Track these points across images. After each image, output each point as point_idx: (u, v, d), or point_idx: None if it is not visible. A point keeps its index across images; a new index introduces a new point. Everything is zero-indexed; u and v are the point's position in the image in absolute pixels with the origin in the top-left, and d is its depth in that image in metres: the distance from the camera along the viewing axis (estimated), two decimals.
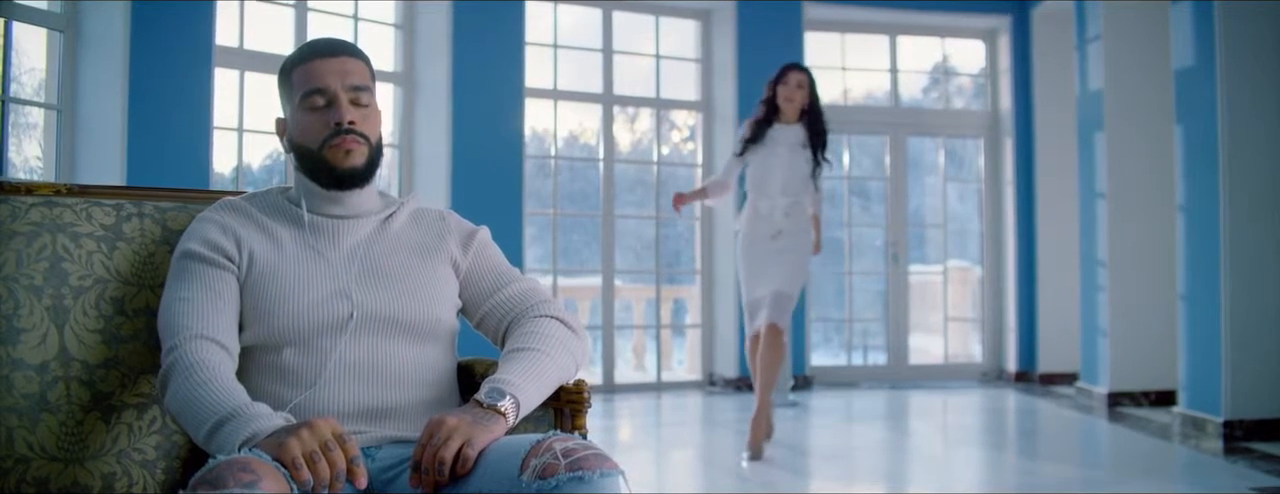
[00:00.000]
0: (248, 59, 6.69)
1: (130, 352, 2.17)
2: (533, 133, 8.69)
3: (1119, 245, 7.34)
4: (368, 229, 2.22)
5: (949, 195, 9.69)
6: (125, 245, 2.22)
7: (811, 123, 6.05)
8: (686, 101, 8.93)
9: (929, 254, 10.08)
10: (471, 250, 2.30)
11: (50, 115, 5.75)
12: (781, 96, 6.01)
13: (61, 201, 2.19)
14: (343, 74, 2.15)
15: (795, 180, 5.98)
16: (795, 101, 6.00)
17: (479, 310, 2.28)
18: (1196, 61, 6.17)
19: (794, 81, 6.01)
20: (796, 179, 5.98)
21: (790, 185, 5.98)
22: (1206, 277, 6.09)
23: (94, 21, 5.79)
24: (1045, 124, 8.86)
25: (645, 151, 9.52)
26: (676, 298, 9.58)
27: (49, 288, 2.10)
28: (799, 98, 6.00)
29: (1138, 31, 7.35)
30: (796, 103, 6.01)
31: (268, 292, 2.08)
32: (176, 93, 6.00)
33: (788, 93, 6.00)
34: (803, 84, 6.02)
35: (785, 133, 6.02)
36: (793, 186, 5.98)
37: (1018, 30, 9.01)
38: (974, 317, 9.54)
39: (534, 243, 8.80)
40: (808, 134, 6.03)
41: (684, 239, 9.54)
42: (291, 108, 2.19)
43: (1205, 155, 6.09)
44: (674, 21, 8.88)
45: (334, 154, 2.14)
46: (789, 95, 6.00)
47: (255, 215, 2.19)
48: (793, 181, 5.97)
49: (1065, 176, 8.51)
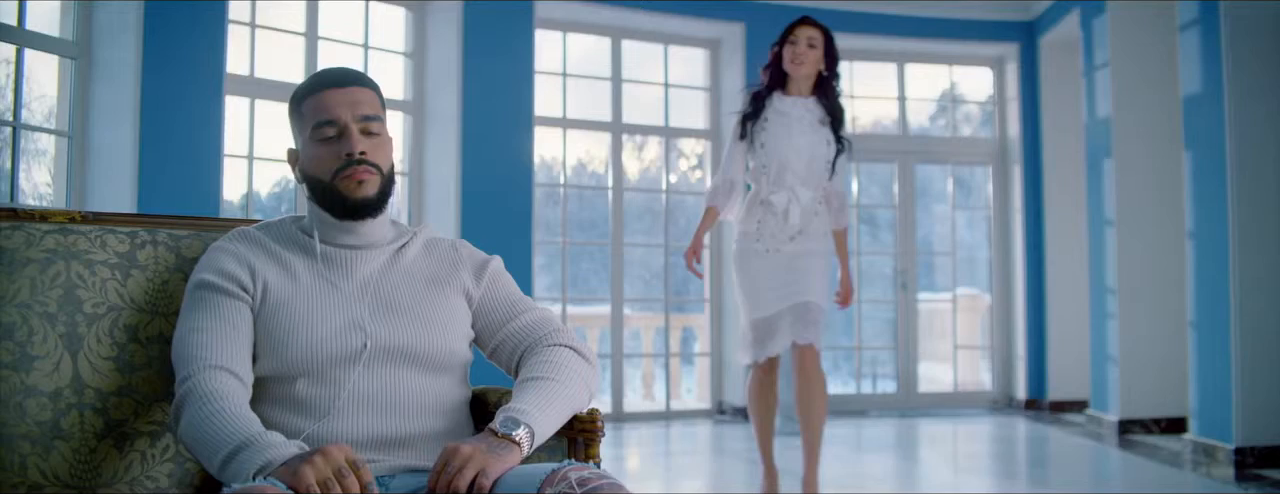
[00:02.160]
0: (258, 87, 6.71)
1: (143, 379, 2.18)
2: (542, 161, 8.70)
3: (1128, 272, 7.33)
4: (380, 260, 2.23)
5: (957, 223, 9.68)
6: (139, 273, 2.22)
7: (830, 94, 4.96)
8: (695, 130, 8.94)
9: (938, 282, 10.06)
10: (484, 280, 2.31)
11: (61, 142, 5.77)
12: (788, 60, 4.89)
13: (76, 229, 2.20)
14: (353, 104, 2.16)
15: (818, 167, 4.87)
16: (806, 66, 4.87)
17: (492, 340, 2.29)
18: (1204, 88, 6.18)
19: (804, 39, 4.87)
20: (819, 166, 4.88)
21: (814, 173, 4.87)
22: (1216, 303, 6.08)
23: (106, 49, 5.82)
24: (1053, 151, 8.86)
25: (654, 180, 9.53)
26: (685, 326, 9.57)
27: (63, 315, 2.11)
28: (811, 60, 4.87)
29: (1145, 58, 7.36)
30: (808, 67, 4.88)
31: (281, 323, 2.09)
32: (187, 120, 6.02)
33: (796, 54, 4.87)
34: (815, 42, 4.87)
35: (797, 106, 4.91)
36: (815, 176, 4.87)
37: (1025, 58, 9.02)
38: (983, 344, 9.52)
39: (543, 271, 8.80)
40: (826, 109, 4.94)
41: None
42: (303, 139, 2.20)
43: (1214, 181, 6.08)
44: (683, 50, 8.91)
45: (346, 185, 2.15)
46: (798, 57, 4.86)
47: (269, 245, 2.19)
48: (815, 169, 4.87)
49: (1074, 204, 8.51)
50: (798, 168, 4.86)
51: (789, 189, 4.85)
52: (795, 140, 4.86)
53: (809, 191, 4.86)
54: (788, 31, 4.93)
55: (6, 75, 5.53)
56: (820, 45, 4.88)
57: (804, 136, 4.86)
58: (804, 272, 4.84)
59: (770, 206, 4.87)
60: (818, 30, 4.90)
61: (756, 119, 4.94)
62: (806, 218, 4.87)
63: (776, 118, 4.90)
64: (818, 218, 4.91)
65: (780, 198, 4.85)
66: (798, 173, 4.86)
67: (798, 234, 4.86)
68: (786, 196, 4.84)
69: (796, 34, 4.90)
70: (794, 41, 4.88)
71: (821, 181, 4.89)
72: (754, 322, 4.91)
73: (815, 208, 4.89)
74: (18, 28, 5.47)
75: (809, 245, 4.87)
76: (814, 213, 4.89)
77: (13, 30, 5.45)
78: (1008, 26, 9.00)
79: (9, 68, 5.51)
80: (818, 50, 4.87)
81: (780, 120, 4.88)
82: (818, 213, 4.91)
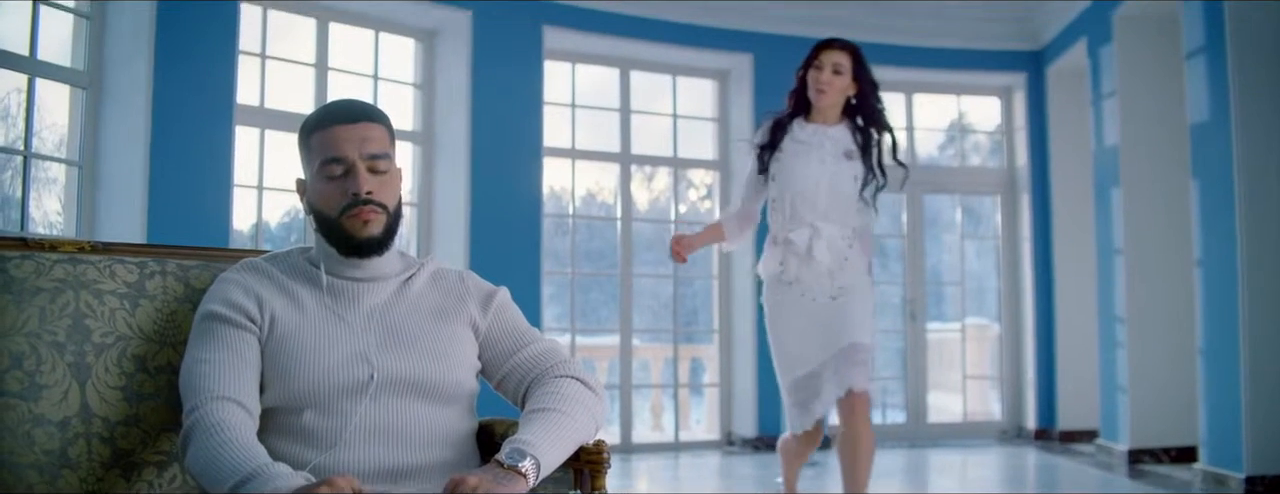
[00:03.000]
0: (268, 117, 6.74)
1: (151, 409, 2.18)
2: (551, 191, 8.72)
3: (1137, 301, 7.31)
4: (387, 292, 2.24)
5: (966, 252, 9.67)
6: (148, 303, 2.23)
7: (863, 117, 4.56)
8: (703, 161, 8.96)
9: (947, 312, 10.05)
10: (491, 311, 2.31)
11: (71, 171, 5.80)
12: (811, 87, 4.51)
13: (85, 259, 2.21)
14: (361, 142, 2.16)
15: (843, 201, 4.48)
16: (830, 94, 4.49)
17: (499, 371, 2.29)
18: (1211, 116, 6.18)
19: (828, 65, 4.48)
20: (845, 200, 4.48)
21: (837, 208, 4.48)
22: (1225, 331, 6.06)
23: (117, 79, 5.85)
24: (1061, 180, 8.86)
25: (664, 210, 9.53)
26: (694, 357, 9.56)
27: (71, 344, 2.12)
28: (836, 88, 4.48)
29: (1152, 87, 7.37)
30: (832, 96, 4.50)
31: (288, 354, 2.09)
32: (197, 150, 6.05)
33: (819, 82, 4.49)
34: (841, 67, 4.48)
35: (818, 134, 4.53)
36: (840, 210, 4.48)
37: (1033, 87, 9.03)
38: (992, 374, 9.49)
39: (552, 302, 8.80)
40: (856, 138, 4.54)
41: (701, 298, 9.52)
42: (311, 172, 2.20)
43: (1222, 209, 6.08)
44: (691, 81, 8.93)
45: (351, 223, 2.16)
46: (821, 84, 4.48)
47: (277, 277, 2.20)
48: (840, 203, 4.48)
49: (1082, 232, 8.50)
50: (816, 202, 4.46)
51: (809, 225, 4.45)
52: (811, 171, 4.45)
53: (834, 227, 4.45)
54: (812, 55, 4.55)
55: (18, 104, 5.56)
56: (847, 70, 4.48)
57: (823, 167, 4.46)
58: (844, 312, 4.45)
59: (791, 246, 4.47)
60: (845, 54, 4.50)
61: (774, 150, 4.55)
62: (836, 256, 4.46)
63: (794, 147, 4.51)
64: (850, 254, 4.50)
65: (800, 235, 4.44)
66: (816, 207, 4.46)
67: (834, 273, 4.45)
68: (807, 234, 4.44)
69: (821, 59, 4.50)
70: (818, 66, 4.50)
71: (850, 217, 4.50)
72: (795, 382, 4.52)
73: (845, 244, 4.48)
74: (29, 57, 5.51)
75: (847, 282, 4.47)
76: (845, 249, 4.48)
77: (24, 60, 5.48)
78: (1015, 56, 9.01)
79: (20, 97, 5.54)
80: (844, 76, 4.48)
81: (797, 150, 4.50)
82: (850, 248, 4.50)
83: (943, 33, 8.81)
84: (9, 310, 2.07)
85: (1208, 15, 6.20)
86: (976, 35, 8.89)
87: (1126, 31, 7.47)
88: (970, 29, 8.87)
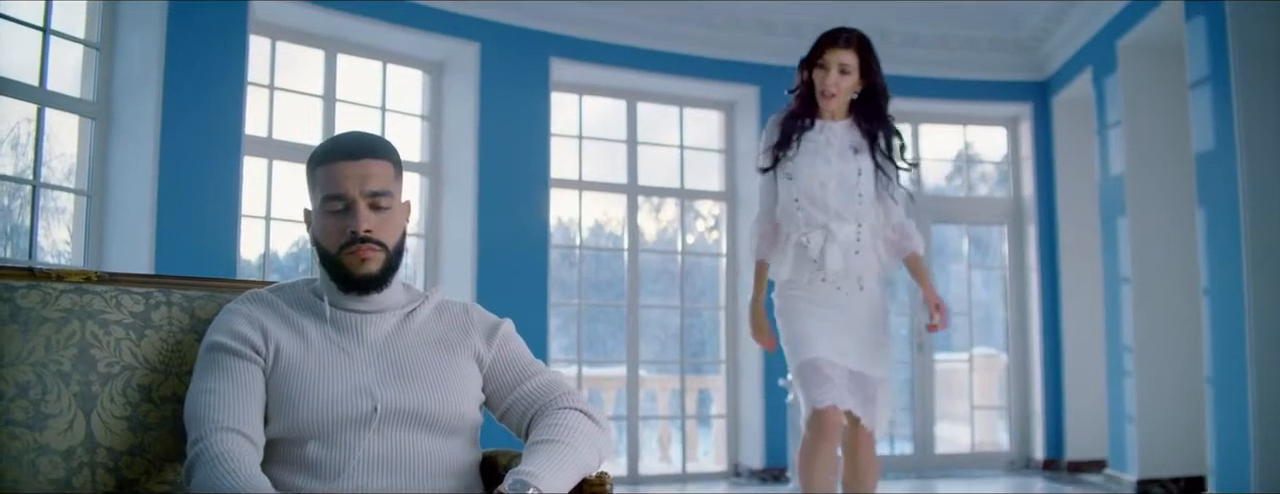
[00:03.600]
0: (276, 148, 6.77)
1: (156, 439, 2.19)
2: (559, 222, 8.74)
3: (1144, 330, 7.30)
4: (391, 324, 2.25)
5: (974, 282, 9.66)
6: (154, 333, 2.24)
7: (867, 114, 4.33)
8: (711, 191, 8.97)
9: (954, 342, 10.02)
10: (495, 344, 2.32)
11: (80, 200, 5.82)
12: (818, 90, 4.28)
13: (92, 289, 2.23)
14: (362, 179, 2.18)
15: (856, 198, 4.24)
16: (840, 95, 4.28)
17: (503, 403, 2.30)
18: (1216, 145, 6.19)
19: (835, 66, 4.24)
20: (858, 197, 4.25)
21: (851, 205, 4.23)
22: (1232, 360, 6.05)
23: (126, 110, 5.88)
24: (1068, 209, 8.86)
25: (672, 240, 9.53)
26: (702, 388, 9.53)
27: (77, 374, 2.13)
28: (844, 89, 4.27)
29: (1157, 116, 7.37)
30: (842, 96, 4.29)
31: (293, 385, 2.11)
32: (205, 181, 6.07)
33: (827, 84, 4.25)
34: (848, 67, 4.24)
35: (830, 131, 4.31)
36: (853, 209, 4.23)
37: (1039, 117, 9.04)
38: (1000, 404, 9.46)
39: (560, 333, 8.80)
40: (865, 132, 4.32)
41: (708, 328, 9.51)
42: (315, 205, 2.22)
43: (1228, 238, 6.07)
44: (698, 112, 8.95)
45: (350, 261, 2.18)
46: (828, 87, 4.25)
47: (282, 308, 2.22)
48: (852, 201, 4.24)
49: (1089, 262, 8.48)
50: (828, 202, 4.22)
51: (821, 227, 4.20)
52: (819, 170, 4.23)
53: (848, 227, 4.21)
54: (816, 52, 4.28)
55: (28, 134, 5.60)
56: (855, 69, 4.24)
57: (829, 166, 4.23)
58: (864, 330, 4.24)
59: (804, 250, 4.22)
60: (851, 52, 4.24)
61: (787, 147, 4.31)
62: (849, 258, 4.20)
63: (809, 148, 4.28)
64: (863, 258, 4.25)
65: (814, 238, 4.20)
66: (828, 207, 4.22)
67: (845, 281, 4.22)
68: (821, 236, 4.19)
69: (826, 59, 4.24)
70: (823, 66, 4.24)
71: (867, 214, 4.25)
72: (802, 364, 4.18)
73: (859, 246, 4.23)
74: (39, 87, 5.55)
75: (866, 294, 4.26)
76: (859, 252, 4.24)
77: (34, 90, 5.52)
78: (1021, 86, 9.03)
79: (30, 126, 5.57)
80: (852, 76, 4.24)
81: (805, 148, 4.28)
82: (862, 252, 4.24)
83: (948, 64, 8.83)
84: (15, 340, 2.09)
85: (1212, 44, 6.21)
86: (982, 66, 8.91)
87: (1131, 61, 7.48)
88: (976, 60, 8.89)
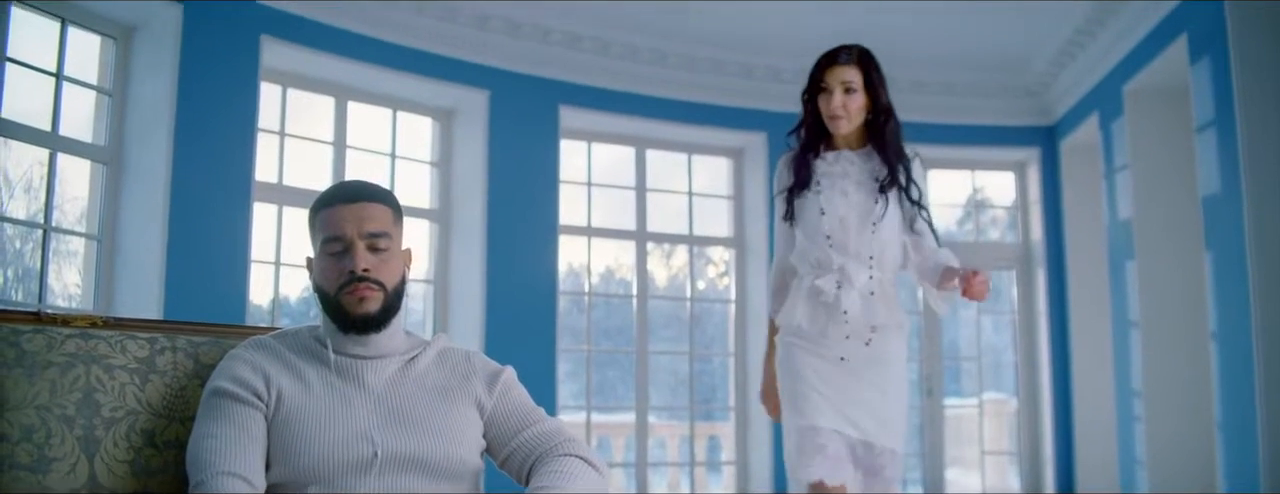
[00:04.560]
0: (287, 194, 6.81)
1: (159, 484, 2.20)
2: (570, 268, 8.76)
3: (1154, 374, 7.27)
4: (392, 370, 2.27)
5: (984, 327, 9.65)
6: (158, 378, 2.26)
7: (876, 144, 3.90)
8: (720, 238, 8.99)
9: (964, 387, 10.00)
10: (496, 391, 2.35)
11: (91, 245, 5.86)
12: (825, 115, 3.85)
13: (97, 334, 2.25)
14: (360, 221, 2.22)
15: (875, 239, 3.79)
16: (849, 117, 3.84)
17: (504, 449, 2.32)
18: (1223, 188, 6.19)
19: (838, 86, 3.81)
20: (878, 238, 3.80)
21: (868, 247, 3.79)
22: (1242, 403, 6.02)
23: (137, 155, 5.94)
24: (1076, 254, 8.85)
25: (682, 286, 9.54)
26: (711, 435, 9.51)
27: (81, 418, 2.14)
28: (854, 110, 3.83)
29: (1163, 160, 7.38)
30: (853, 118, 3.85)
31: (294, 431, 2.13)
32: (215, 226, 6.11)
33: (832, 106, 3.82)
34: (853, 85, 3.82)
35: (846, 161, 3.90)
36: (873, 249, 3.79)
37: (1047, 162, 9.06)
38: (1011, 450, 9.42)
39: (569, 379, 8.79)
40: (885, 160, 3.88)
41: (718, 375, 9.51)
42: (315, 250, 2.26)
43: (1235, 281, 6.06)
44: (706, 159, 8.99)
45: (348, 301, 2.21)
46: (835, 110, 3.81)
47: (284, 354, 2.24)
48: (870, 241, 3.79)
49: (1098, 306, 8.46)
50: (847, 241, 3.79)
51: (837, 270, 3.74)
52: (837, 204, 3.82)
53: (864, 269, 3.76)
54: (816, 75, 3.88)
55: (40, 178, 5.65)
56: (860, 86, 3.82)
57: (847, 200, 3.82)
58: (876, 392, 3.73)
59: (818, 294, 3.76)
60: (854, 69, 3.83)
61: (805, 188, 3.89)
62: (867, 306, 3.74)
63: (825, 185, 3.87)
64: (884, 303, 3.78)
65: (827, 282, 3.74)
66: (846, 248, 3.78)
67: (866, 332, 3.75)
68: (835, 280, 3.73)
69: (827, 80, 3.83)
70: (826, 89, 3.83)
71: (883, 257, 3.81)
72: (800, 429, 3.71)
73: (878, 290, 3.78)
74: (51, 132, 5.61)
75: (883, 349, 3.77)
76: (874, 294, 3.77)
77: (46, 135, 5.58)
78: (1029, 131, 9.06)
79: (42, 170, 5.63)
80: (858, 94, 3.82)
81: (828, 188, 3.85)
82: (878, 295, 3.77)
83: (956, 109, 8.86)
84: (20, 384, 2.11)
85: (1216, 88, 6.23)
86: (990, 111, 8.95)
87: (1137, 105, 7.50)
88: (983, 105, 8.93)
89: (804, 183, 3.89)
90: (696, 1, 7.52)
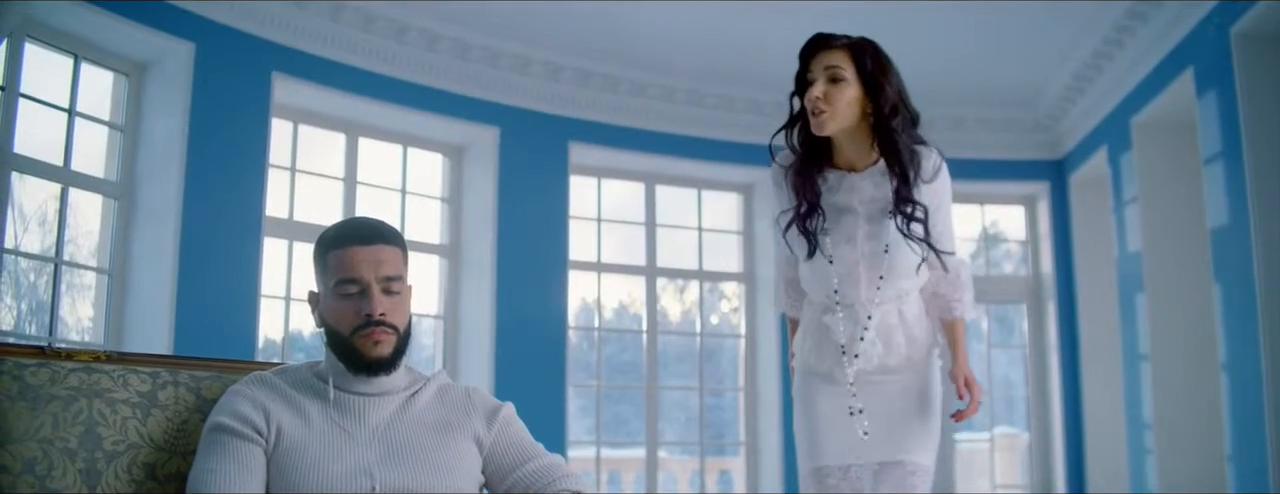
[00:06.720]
0: (297, 230, 6.84)
1: None
2: (582, 303, 8.77)
3: (1164, 407, 7.24)
4: (393, 406, 2.29)
5: (995, 361, 9.63)
6: (160, 412, 2.28)
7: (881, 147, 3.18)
8: (730, 273, 9.00)
9: (975, 421, 9.95)
10: (495, 426, 2.37)
11: (102, 279, 5.90)
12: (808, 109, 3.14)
13: (100, 368, 2.27)
14: (376, 264, 2.25)
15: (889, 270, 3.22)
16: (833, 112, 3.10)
17: (502, 484, 2.34)
18: (1231, 220, 6.19)
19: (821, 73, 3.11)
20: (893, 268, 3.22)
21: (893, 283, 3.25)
22: (1252, 436, 6.00)
23: (149, 190, 5.98)
24: (1087, 287, 8.83)
25: (693, 322, 9.53)
26: (722, 470, 9.50)
27: (83, 451, 2.16)
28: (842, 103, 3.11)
29: (1172, 193, 7.37)
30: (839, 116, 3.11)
31: (293, 467, 2.15)
32: (226, 261, 6.14)
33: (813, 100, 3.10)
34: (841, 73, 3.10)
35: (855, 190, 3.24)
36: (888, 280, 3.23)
37: (1056, 196, 9.06)
38: (1022, 485, 9.38)
39: (581, 414, 8.79)
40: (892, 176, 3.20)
41: (729, 410, 9.49)
42: (325, 288, 2.28)
43: (1245, 313, 6.05)
44: (716, 194, 9.01)
45: (363, 343, 2.23)
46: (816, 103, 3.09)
47: (285, 390, 2.26)
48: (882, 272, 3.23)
49: (1108, 338, 8.44)
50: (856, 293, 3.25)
51: (848, 307, 3.25)
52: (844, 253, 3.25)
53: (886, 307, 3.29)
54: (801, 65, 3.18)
55: (53, 212, 5.69)
56: (852, 75, 3.11)
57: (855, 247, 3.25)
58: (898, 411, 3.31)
59: (827, 332, 3.29)
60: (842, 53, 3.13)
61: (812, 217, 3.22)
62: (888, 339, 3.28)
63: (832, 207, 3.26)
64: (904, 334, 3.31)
65: (833, 320, 3.27)
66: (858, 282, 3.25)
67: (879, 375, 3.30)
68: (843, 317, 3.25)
69: (811, 67, 3.13)
70: (809, 77, 3.14)
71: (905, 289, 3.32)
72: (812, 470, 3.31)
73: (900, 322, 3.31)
74: (63, 167, 5.65)
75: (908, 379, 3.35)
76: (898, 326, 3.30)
77: (58, 170, 5.62)
78: (1038, 165, 9.07)
79: (55, 205, 5.67)
80: (848, 85, 3.11)
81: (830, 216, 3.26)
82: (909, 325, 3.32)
83: (965, 144, 8.85)
84: (23, 417, 2.13)
85: (1224, 121, 6.24)
86: (999, 146, 8.96)
87: (1145, 139, 7.51)
88: (992, 140, 8.95)
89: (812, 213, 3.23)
90: (704, 38, 7.56)
